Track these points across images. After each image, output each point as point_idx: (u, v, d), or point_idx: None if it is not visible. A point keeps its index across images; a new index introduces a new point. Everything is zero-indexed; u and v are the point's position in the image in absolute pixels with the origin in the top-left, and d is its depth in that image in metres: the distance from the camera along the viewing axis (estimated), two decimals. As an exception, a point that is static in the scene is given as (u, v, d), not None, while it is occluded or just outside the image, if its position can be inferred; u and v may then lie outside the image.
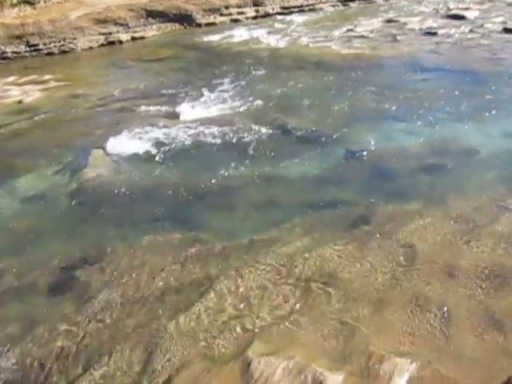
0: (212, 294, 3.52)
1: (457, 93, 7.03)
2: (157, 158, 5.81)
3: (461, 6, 13.31)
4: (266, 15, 14.41)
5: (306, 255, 3.83)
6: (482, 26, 11.07)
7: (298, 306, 3.37)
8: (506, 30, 10.46)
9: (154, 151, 5.92)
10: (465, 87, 7.26)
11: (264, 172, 5.22)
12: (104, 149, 6.16)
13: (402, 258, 3.75)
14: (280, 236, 4.11)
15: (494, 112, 6.35)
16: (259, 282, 3.61)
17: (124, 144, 6.16)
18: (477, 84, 7.35)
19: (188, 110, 7.01)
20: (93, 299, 3.68)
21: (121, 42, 13.25)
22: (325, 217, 4.33)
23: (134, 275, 3.86)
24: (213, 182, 5.10)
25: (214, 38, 12.08)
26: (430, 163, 5.18)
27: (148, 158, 5.88)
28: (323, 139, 5.80)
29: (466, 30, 10.74)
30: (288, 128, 6.17)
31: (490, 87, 7.21)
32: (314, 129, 6.04)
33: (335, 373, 2.83)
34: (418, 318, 3.22)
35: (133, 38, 13.40)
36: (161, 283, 3.73)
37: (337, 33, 11.06)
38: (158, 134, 6.31)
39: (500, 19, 11.55)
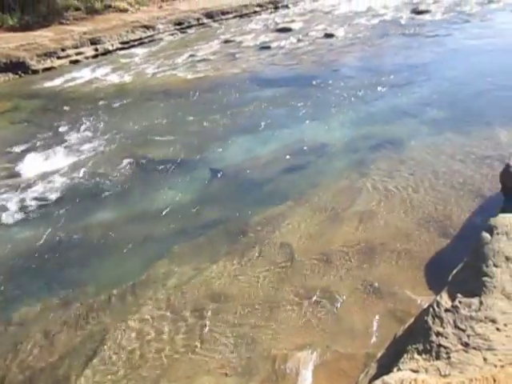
0: (103, 352, 3.27)
1: (296, 97, 7.68)
2: (9, 224, 5.19)
3: (286, 19, 14.69)
4: (107, 52, 14.05)
5: (193, 281, 3.80)
6: (307, 34, 12.35)
7: (194, 334, 3.32)
8: (327, 35, 11.92)
9: (3, 219, 5.28)
10: (301, 91, 7.99)
11: (135, 210, 5.03)
12: None
13: (282, 259, 3.95)
14: (163, 269, 4.01)
15: (330, 108, 7.10)
16: (151, 323, 3.47)
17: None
18: (311, 86, 8.15)
19: (36, 167, 6.31)
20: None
21: None
22: (204, 239, 4.35)
23: (11, 356, 3.40)
24: (79, 234, 4.70)
25: (55, 82, 11.39)
26: (289, 165, 5.55)
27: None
28: (186, 164, 5.81)
29: (295, 40, 11.88)
30: (148, 161, 6.04)
31: (322, 87, 8.07)
32: (174, 156, 6.02)
33: (246, 387, 2.86)
34: (309, 309, 3.42)
35: (-40, 97, 11.95)
36: (45, 356, 3.34)
37: (180, 60, 11.28)
38: (4, 199, 5.64)
39: (321, 27, 13.06)
